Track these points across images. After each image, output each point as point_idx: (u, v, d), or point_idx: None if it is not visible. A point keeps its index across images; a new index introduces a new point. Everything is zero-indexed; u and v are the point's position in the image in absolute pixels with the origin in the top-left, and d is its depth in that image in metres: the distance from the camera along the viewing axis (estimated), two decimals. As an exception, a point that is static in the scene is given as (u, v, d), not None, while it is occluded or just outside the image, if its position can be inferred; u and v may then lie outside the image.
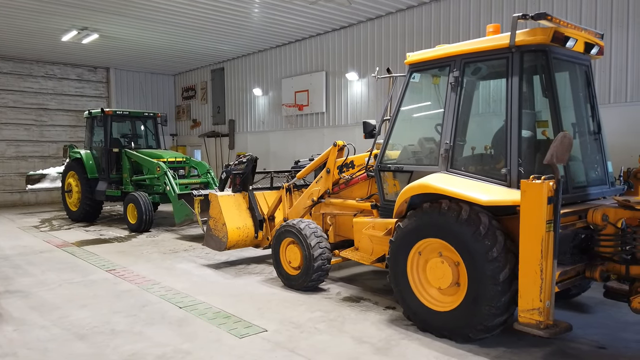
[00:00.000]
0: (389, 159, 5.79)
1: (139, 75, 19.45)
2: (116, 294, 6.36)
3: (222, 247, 7.44)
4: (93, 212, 13.04)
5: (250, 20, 12.26)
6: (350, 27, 12.76)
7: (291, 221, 6.45)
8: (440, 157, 5.04)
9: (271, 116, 15.57)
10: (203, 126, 18.74)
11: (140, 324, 5.25)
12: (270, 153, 15.46)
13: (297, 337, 4.86)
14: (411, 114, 5.90)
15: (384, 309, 5.68)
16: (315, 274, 6.16)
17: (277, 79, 15.14)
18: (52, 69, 17.65)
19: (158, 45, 14.88)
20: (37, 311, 5.67)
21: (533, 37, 4.43)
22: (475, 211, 4.48)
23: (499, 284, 4.28)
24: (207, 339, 4.82)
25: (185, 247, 9.52)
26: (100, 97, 18.85)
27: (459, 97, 4.99)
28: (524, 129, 4.58)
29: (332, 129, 13.34)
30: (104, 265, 8.01)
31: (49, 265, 8.01)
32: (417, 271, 5.02)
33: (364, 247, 6.04)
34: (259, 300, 6.02)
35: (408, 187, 5.03)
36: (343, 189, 6.69)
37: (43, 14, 11.60)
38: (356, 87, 12.73)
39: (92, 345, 4.65)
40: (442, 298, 4.85)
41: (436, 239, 4.77)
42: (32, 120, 17.41)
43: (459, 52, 4.97)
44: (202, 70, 18.57)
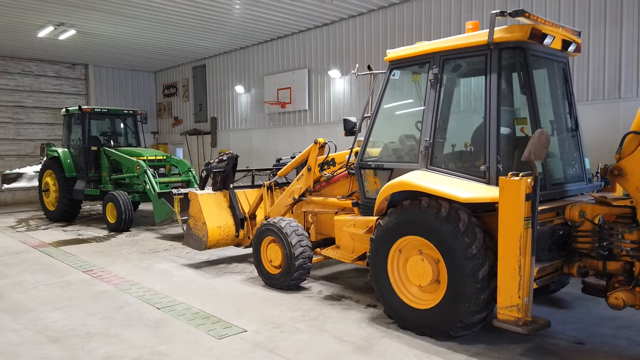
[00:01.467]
0: (369, 157, 5.76)
1: (119, 72, 19.13)
2: (93, 296, 6.22)
3: (202, 246, 7.34)
4: (71, 212, 12.78)
5: (232, 16, 12.12)
6: (332, 24, 12.71)
7: (272, 220, 6.39)
8: (420, 155, 5.02)
9: (254, 114, 15.45)
10: (185, 124, 18.51)
11: (117, 325, 5.14)
12: (253, 151, 15.34)
13: (277, 337, 4.80)
14: (391, 112, 5.88)
15: (365, 307, 5.66)
16: (296, 273, 6.10)
17: (259, 76, 15.02)
18: (28, 66, 17.24)
19: (137, 41, 14.63)
20: (9, 314, 5.51)
21: (511, 34, 4.43)
22: (454, 208, 4.47)
23: (478, 281, 4.28)
24: (185, 340, 4.74)
25: (166, 246, 9.38)
26: (79, 94, 18.48)
27: (439, 94, 4.97)
28: (502, 126, 4.58)
29: (314, 127, 13.29)
30: (81, 266, 7.85)
31: (24, 267, 7.81)
32: (397, 269, 5.00)
33: (345, 245, 6.01)
34: (239, 300, 5.95)
35: (388, 185, 5.01)
36: (324, 187, 6.64)
37: (17, 9, 11.30)
38: (339, 85, 12.69)
39: (65, 349, 4.53)
40: (423, 296, 4.84)
41: (416, 236, 4.76)
42: (8, 118, 17.00)
43: (438, 49, 4.96)
44: (183, 67, 18.33)
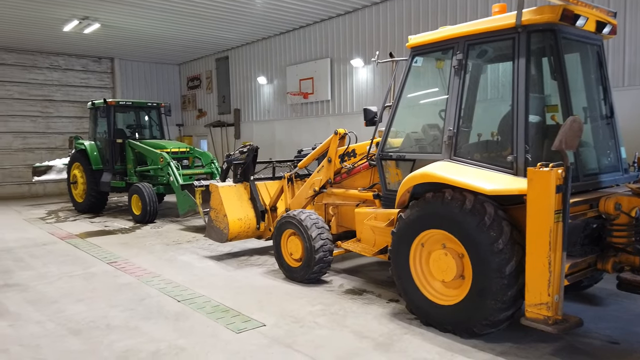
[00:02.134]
0: (391, 147, 5.58)
1: (144, 65, 19.32)
2: (115, 287, 6.27)
3: (223, 238, 7.31)
4: (99, 204, 13.01)
5: (254, 6, 12.01)
6: (354, 12, 12.46)
7: (292, 212, 6.29)
8: (443, 145, 4.82)
9: (276, 105, 15.37)
10: (209, 116, 18.60)
11: (137, 318, 5.15)
12: (275, 142, 15.29)
13: (296, 331, 4.71)
14: (414, 100, 5.68)
15: (387, 302, 5.52)
16: (316, 266, 6.00)
17: (281, 66, 14.90)
18: (56, 60, 17.57)
19: (161, 34, 14.70)
20: (33, 305, 5.59)
21: (540, 16, 4.17)
22: (479, 201, 4.27)
23: (505, 277, 4.08)
24: (204, 333, 4.70)
25: (189, 238, 9.43)
26: (105, 87, 18.77)
27: (463, 82, 4.74)
28: (531, 113, 4.34)
29: (337, 117, 13.12)
30: (105, 257, 7.94)
31: (50, 258, 7.95)
32: (420, 263, 4.83)
33: (366, 239, 5.87)
34: (259, 293, 5.89)
35: (410, 177, 4.83)
36: (345, 179, 6.50)
37: (41, 4, 11.46)
38: (361, 74, 12.46)
39: (86, 341, 4.55)
40: (446, 291, 4.67)
41: (439, 230, 4.57)
42: (38, 112, 17.40)
43: (462, 34, 4.73)
44: (206, 60, 18.37)
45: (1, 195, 16.75)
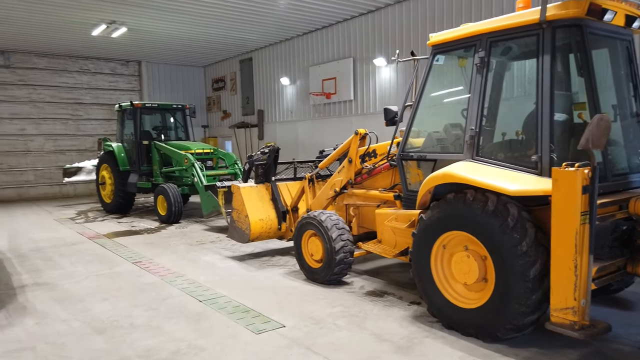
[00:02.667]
0: (412, 147, 5.50)
1: (170, 67, 19.64)
2: (139, 287, 6.37)
3: (245, 239, 7.35)
4: (126, 204, 13.27)
5: (277, 7, 12.05)
6: (377, 11, 12.37)
7: (312, 213, 6.28)
8: (465, 144, 4.72)
9: (299, 105, 15.39)
10: (233, 117, 18.77)
11: (159, 317, 5.21)
12: (298, 143, 15.31)
13: (316, 333, 4.69)
14: (435, 99, 5.58)
15: (408, 305, 5.44)
16: (337, 267, 5.97)
17: (304, 67, 14.92)
18: (86, 64, 18.03)
19: (186, 37, 14.91)
20: (60, 304, 5.73)
21: (566, 11, 4.03)
22: (502, 202, 4.16)
23: (529, 280, 3.97)
24: (224, 334, 4.73)
25: (212, 238, 9.52)
26: (133, 90, 19.16)
27: (485, 80, 4.63)
28: (557, 112, 4.21)
29: (360, 117, 13.04)
30: (131, 257, 8.09)
31: (78, 257, 8.15)
32: (441, 265, 4.75)
33: (387, 240, 5.80)
34: (279, 294, 5.89)
35: (431, 177, 4.75)
36: (366, 179, 6.44)
37: (70, 9, 11.75)
38: (384, 73, 12.36)
39: (109, 340, 4.64)
40: (469, 294, 4.57)
41: (461, 231, 4.48)
42: (69, 115, 17.88)
43: (485, 31, 4.61)
44: (231, 61, 18.55)
45: (34, 195, 17.29)
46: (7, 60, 16.44)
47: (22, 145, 17.03)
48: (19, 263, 7.79)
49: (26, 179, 17.21)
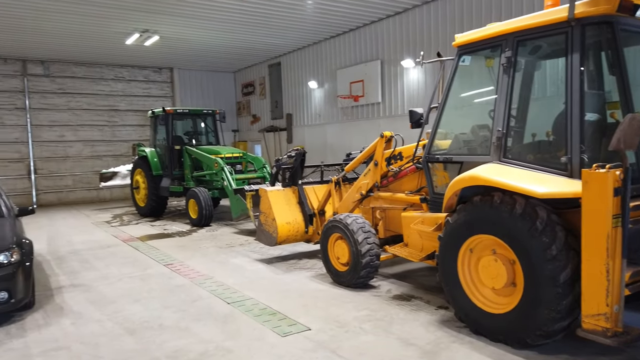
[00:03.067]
0: (438, 149, 5.44)
1: (201, 73, 20.03)
2: (170, 289, 6.52)
3: (272, 242, 7.41)
4: (159, 208, 13.59)
5: (304, 12, 12.15)
6: (405, 13, 12.29)
7: (338, 216, 6.28)
8: (492, 146, 4.63)
9: (327, 109, 15.43)
10: (262, 121, 18.98)
11: (188, 319, 5.32)
12: (327, 146, 15.35)
13: (341, 336, 4.69)
14: (461, 101, 5.51)
15: (435, 309, 5.37)
16: (363, 271, 5.95)
17: (332, 70, 14.96)
18: (121, 72, 18.60)
19: (217, 43, 15.19)
20: (95, 305, 5.92)
21: (595, 8, 3.91)
22: (531, 205, 4.07)
23: (559, 285, 3.86)
24: (250, 336, 4.78)
25: (241, 241, 9.64)
26: (165, 96, 19.63)
27: (512, 80, 4.54)
28: (588, 111, 4.09)
29: (388, 119, 12.97)
30: (162, 259, 8.28)
31: (113, 260, 8.40)
32: (468, 270, 4.67)
33: (413, 243, 5.74)
34: (306, 297, 5.92)
35: (457, 179, 4.68)
36: (392, 182, 6.40)
37: (106, 19, 12.15)
38: (412, 75, 12.26)
39: (139, 341, 4.76)
40: (497, 299, 4.48)
41: (488, 235, 4.40)
42: (105, 121, 18.47)
43: (511, 30, 4.52)
44: (260, 66, 18.77)
45: (73, 200, 17.93)
46: (47, 70, 17.13)
47: (61, 151, 17.69)
48: (57, 265, 8.10)
49: (65, 184, 17.87)
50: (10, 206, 6.58)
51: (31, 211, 6.69)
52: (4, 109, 16.53)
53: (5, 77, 16.48)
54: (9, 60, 16.46)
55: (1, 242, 5.45)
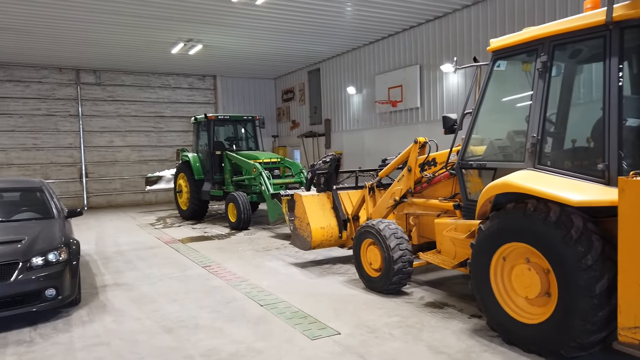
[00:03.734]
0: (472, 155, 5.37)
1: (243, 80, 20.50)
2: (206, 290, 6.72)
3: (306, 246, 7.50)
4: (200, 211, 14.00)
5: (343, 19, 12.26)
6: (445, 17, 12.17)
7: (371, 222, 6.30)
8: (526, 152, 4.54)
9: (365, 114, 15.44)
10: (301, 127, 19.20)
11: (222, 320, 5.48)
12: (365, 151, 15.35)
13: (370, 342, 4.70)
14: (496, 106, 5.42)
15: (468, 317, 5.29)
16: (395, 277, 5.93)
17: (370, 76, 14.98)
18: (167, 80, 19.31)
19: (258, 51, 15.53)
20: (135, 304, 6.18)
21: (635, 10, 3.77)
22: (566, 213, 3.96)
23: (594, 296, 3.74)
24: (281, 338, 4.87)
25: (278, 245, 9.79)
26: (208, 103, 20.21)
27: (548, 85, 4.44)
28: (628, 117, 3.94)
29: (427, 124, 12.85)
30: (201, 261, 8.53)
31: (154, 260, 8.73)
32: (501, 278, 4.59)
33: (446, 250, 5.68)
34: (337, 302, 5.95)
35: (490, 186, 4.61)
36: (425, 188, 6.36)
37: (152, 30, 12.70)
38: (452, 79, 12.10)
39: (175, 339, 4.95)
40: (530, 309, 4.37)
41: (522, 243, 4.31)
42: (151, 127, 19.22)
43: (547, 34, 4.43)
44: (299, 73, 19.03)
45: (121, 202, 18.72)
46: (98, 79, 18.03)
47: (110, 156, 18.53)
48: (103, 265, 8.50)
49: (114, 187, 18.69)
50: (60, 208, 6.98)
51: (79, 213, 7.08)
52: (59, 115, 17.52)
53: (60, 86, 17.47)
54: (64, 70, 17.45)
55: (50, 241, 5.79)
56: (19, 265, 5.35)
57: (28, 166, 17.13)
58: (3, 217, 6.58)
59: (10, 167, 16.87)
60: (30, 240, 5.69)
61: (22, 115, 16.94)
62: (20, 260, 5.39)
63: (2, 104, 16.59)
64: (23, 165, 17.06)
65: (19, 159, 17.00)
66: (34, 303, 5.37)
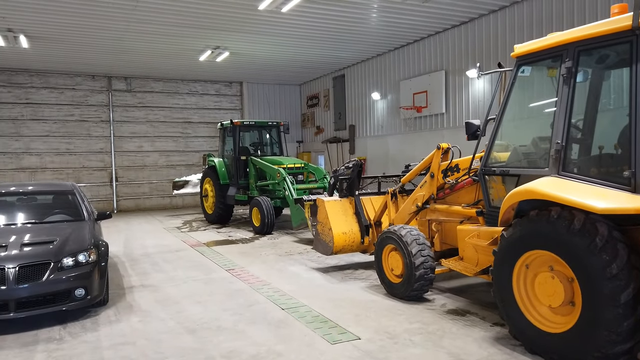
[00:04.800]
0: (495, 162, 5.32)
1: (268, 87, 20.74)
2: (229, 293, 6.82)
3: (328, 251, 7.54)
4: (225, 215, 14.19)
5: (368, 25, 12.31)
6: (470, 22, 12.09)
7: (392, 227, 6.29)
8: (550, 159, 4.48)
9: (389, 120, 15.42)
10: (325, 132, 19.28)
11: (244, 322, 5.55)
12: (389, 157, 15.31)
13: (389, 347, 4.70)
14: (520, 112, 5.36)
15: (490, 325, 5.23)
16: (417, 283, 5.91)
17: (395, 81, 14.96)
18: (194, 86, 19.71)
19: (283, 57, 15.72)
20: (161, 305, 6.33)
21: (662, 14, 3.71)
22: (591, 220, 3.89)
23: (619, 305, 3.66)
24: (301, 342, 4.91)
25: (300, 250, 9.86)
26: (235, 109, 20.52)
27: (572, 91, 4.38)
28: (656, 123, 3.86)
29: (452, 130, 12.75)
30: (225, 264, 8.66)
31: (180, 263, 8.91)
32: (524, 286, 4.53)
33: (469, 257, 5.63)
34: (358, 307, 5.96)
35: (513, 193, 4.57)
36: (448, 194, 6.32)
37: (181, 38, 13.02)
38: (478, 85, 11.99)
39: (197, 340, 5.05)
40: (554, 318, 4.30)
41: (545, 250, 4.25)
42: (179, 133, 19.62)
43: (572, 40, 4.37)
44: (324, 79, 19.14)
45: (149, 206, 19.14)
46: (129, 85, 18.54)
47: (139, 160, 18.99)
48: (131, 266, 8.72)
49: (142, 191, 19.13)
50: (90, 210, 7.21)
51: (109, 216, 7.30)
52: (91, 121, 18.08)
53: (93, 93, 18.04)
54: (97, 77, 18.01)
55: (81, 243, 6.00)
56: (50, 265, 5.55)
57: (61, 170, 17.71)
58: (36, 218, 6.84)
59: (45, 170, 17.47)
60: (61, 242, 5.90)
61: (56, 121, 17.56)
62: (52, 261, 5.59)
63: (38, 110, 17.24)
64: (57, 169, 17.65)
65: (53, 163, 17.60)
66: (64, 302, 5.57)
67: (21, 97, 17.01)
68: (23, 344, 5.07)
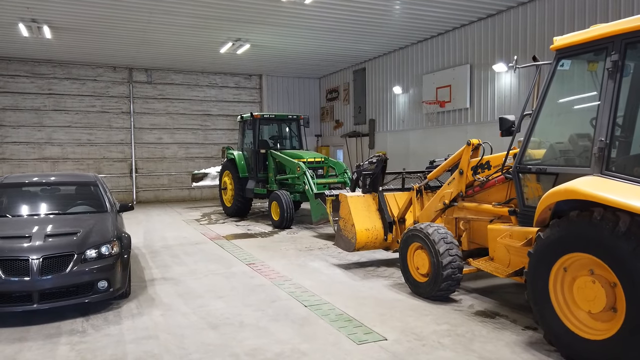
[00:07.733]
0: (531, 159, 5.10)
1: (288, 80, 20.61)
2: (251, 288, 6.73)
3: (351, 247, 7.40)
4: (244, 208, 14.14)
5: (391, 17, 12.07)
6: (498, 15, 11.76)
7: (419, 225, 6.12)
8: (593, 157, 4.26)
9: (411, 114, 15.16)
10: (345, 126, 19.09)
11: (267, 319, 5.45)
12: (409, 152, 15.07)
13: (418, 350, 4.55)
14: (559, 107, 5.13)
15: (522, 329, 5.04)
16: (444, 283, 5.74)
17: (417, 75, 14.69)
18: (214, 79, 19.67)
19: (304, 50, 15.56)
20: (182, 298, 6.27)
21: None
22: (637, 223, 3.68)
23: (667, 314, 3.45)
24: (326, 341, 4.79)
25: (320, 245, 9.74)
26: (254, 102, 20.44)
27: (619, 86, 4.15)
28: None
29: (476, 126, 12.46)
30: (245, 258, 8.59)
31: (200, 256, 8.86)
32: (561, 290, 4.33)
33: (500, 258, 5.43)
34: (382, 306, 5.82)
35: (551, 192, 4.36)
36: (478, 192, 6.12)
37: (204, 29, 12.95)
38: (504, 79, 11.68)
39: (221, 336, 4.96)
40: (593, 324, 4.10)
41: (586, 253, 4.04)
42: (198, 125, 19.62)
43: (619, 32, 4.14)
44: (344, 72, 18.92)
45: (168, 198, 19.22)
46: (149, 77, 18.57)
47: (159, 152, 19.05)
48: (151, 258, 8.70)
49: (162, 183, 19.21)
50: (113, 202, 7.18)
51: (130, 207, 7.26)
52: (112, 112, 18.17)
53: (114, 84, 18.11)
54: (118, 68, 18.07)
55: (104, 235, 5.95)
56: (74, 257, 5.52)
57: (82, 161, 17.85)
58: (60, 209, 6.83)
59: (66, 161, 17.63)
60: (84, 233, 5.86)
61: (77, 112, 17.68)
62: (76, 252, 5.55)
63: (60, 101, 17.38)
64: (78, 159, 17.80)
65: (74, 153, 17.74)
66: (87, 294, 5.53)
67: (44, 88, 17.16)
68: (47, 335, 5.04)
